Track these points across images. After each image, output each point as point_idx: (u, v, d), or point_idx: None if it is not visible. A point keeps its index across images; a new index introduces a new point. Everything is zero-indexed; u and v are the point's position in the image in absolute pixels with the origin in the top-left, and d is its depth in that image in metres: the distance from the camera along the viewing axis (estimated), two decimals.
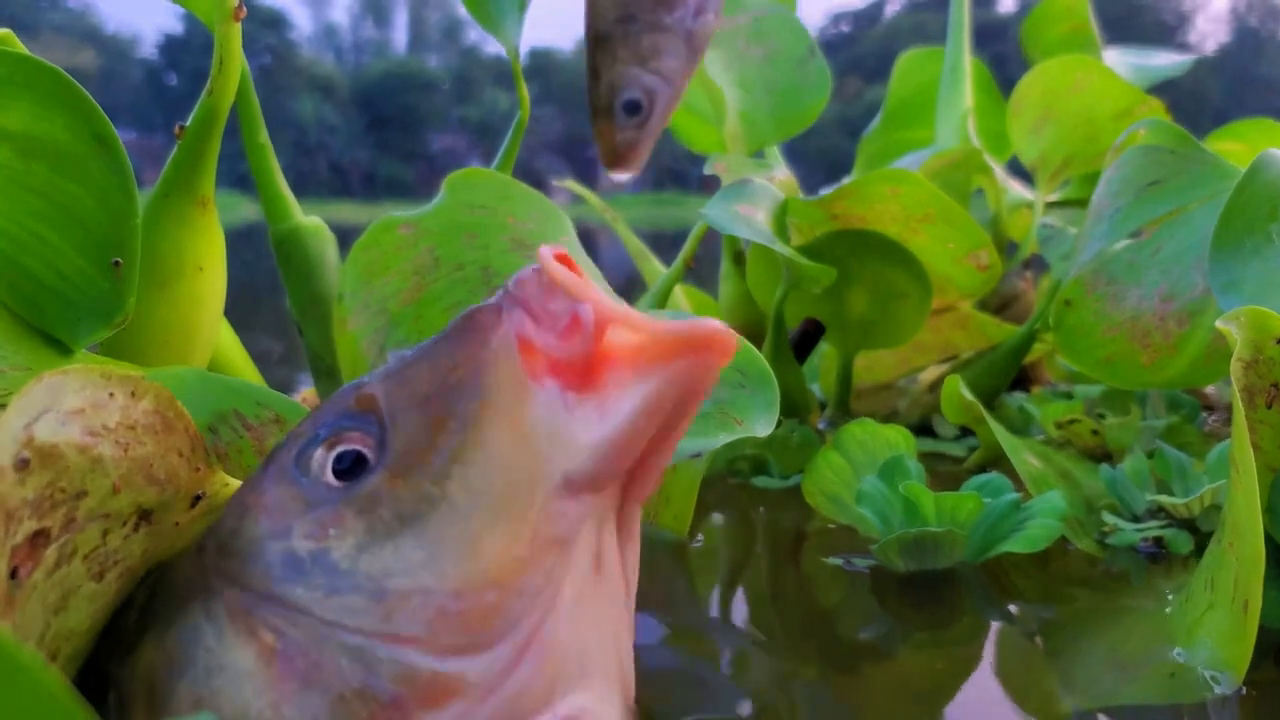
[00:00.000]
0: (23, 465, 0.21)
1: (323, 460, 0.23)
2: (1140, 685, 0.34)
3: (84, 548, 0.22)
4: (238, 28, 0.41)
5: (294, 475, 0.23)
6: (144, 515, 0.24)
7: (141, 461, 0.23)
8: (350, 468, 0.22)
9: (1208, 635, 0.34)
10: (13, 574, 0.20)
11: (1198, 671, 0.34)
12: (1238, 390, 0.36)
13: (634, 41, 0.24)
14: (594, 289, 0.22)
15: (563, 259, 0.23)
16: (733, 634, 0.41)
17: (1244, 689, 0.33)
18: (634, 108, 0.24)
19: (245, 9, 0.40)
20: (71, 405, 0.22)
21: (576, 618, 0.21)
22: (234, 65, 0.42)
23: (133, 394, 0.23)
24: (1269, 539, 0.37)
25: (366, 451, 0.22)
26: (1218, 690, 0.33)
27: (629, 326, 0.21)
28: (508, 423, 0.21)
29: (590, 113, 0.25)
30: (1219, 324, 0.37)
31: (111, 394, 0.23)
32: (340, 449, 0.23)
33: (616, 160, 0.25)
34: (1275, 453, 0.38)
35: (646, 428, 0.21)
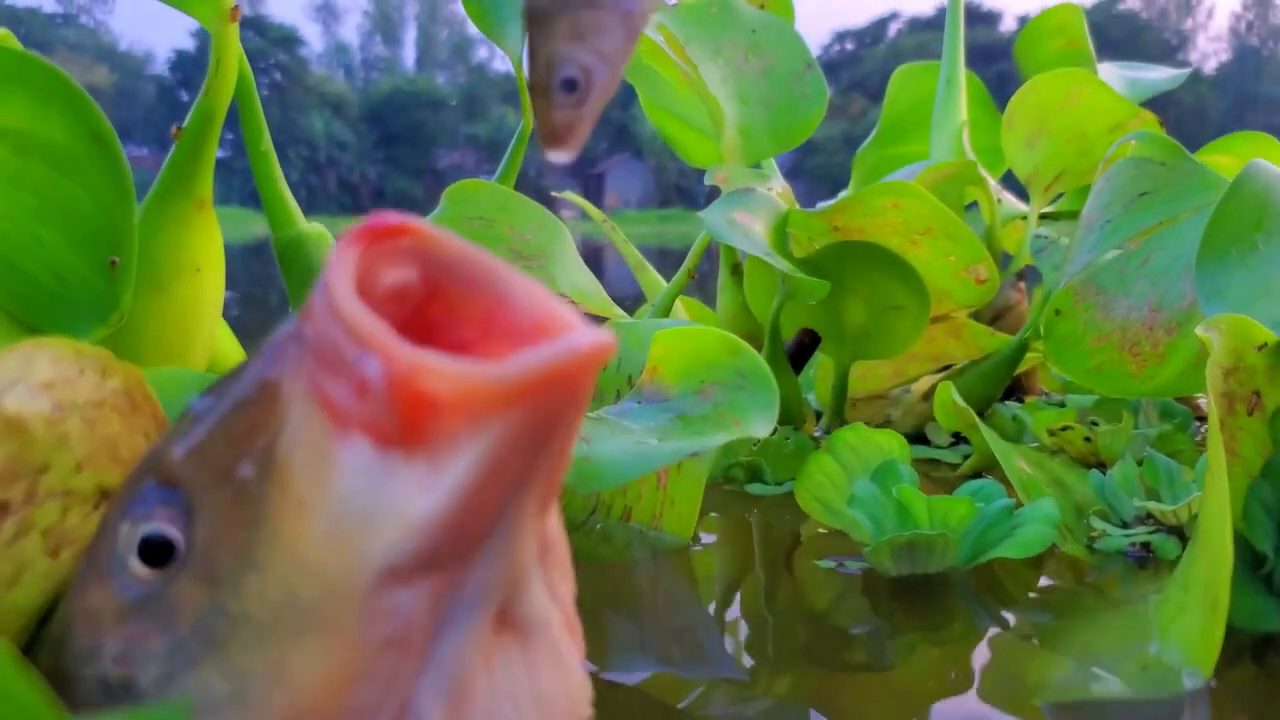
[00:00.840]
0: None
1: (128, 544, 0.19)
2: (1115, 681, 0.35)
3: (42, 523, 0.22)
4: (234, 28, 0.42)
5: (106, 569, 0.20)
6: (105, 495, 0.24)
7: (107, 441, 0.23)
8: (161, 547, 0.19)
9: (1180, 634, 0.35)
10: None
11: (1170, 667, 0.34)
12: (1214, 396, 0.36)
13: (571, 20, 0.24)
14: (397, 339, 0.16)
15: (391, 231, 0.18)
16: (727, 636, 0.41)
17: (1213, 682, 0.33)
18: (571, 85, 0.24)
19: (240, 10, 0.41)
20: (43, 378, 0.22)
21: (466, 702, 0.18)
22: (230, 66, 0.43)
23: (103, 372, 0.23)
24: (1247, 544, 0.37)
25: (173, 534, 0.19)
26: (1187, 686, 0.33)
27: (447, 375, 0.16)
28: (309, 509, 0.17)
29: (530, 92, 0.25)
30: (1199, 331, 0.37)
31: (82, 370, 0.23)
32: (145, 530, 0.19)
33: (554, 140, 0.25)
34: (1255, 460, 0.38)
35: (492, 489, 0.17)
